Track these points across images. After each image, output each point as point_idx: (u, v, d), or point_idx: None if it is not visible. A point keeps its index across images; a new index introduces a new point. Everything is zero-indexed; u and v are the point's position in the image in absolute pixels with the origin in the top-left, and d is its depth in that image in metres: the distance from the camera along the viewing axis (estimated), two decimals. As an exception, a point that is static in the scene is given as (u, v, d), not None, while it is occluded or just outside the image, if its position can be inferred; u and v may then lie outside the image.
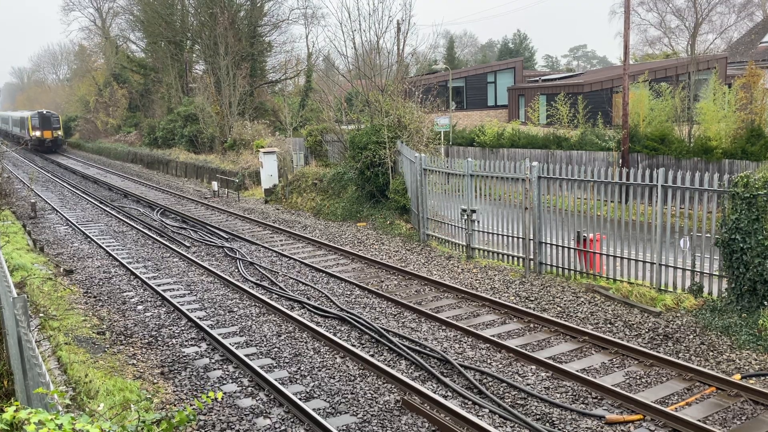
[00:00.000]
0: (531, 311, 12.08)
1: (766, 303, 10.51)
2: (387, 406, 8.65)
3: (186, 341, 11.19)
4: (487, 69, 45.24)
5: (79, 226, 21.78)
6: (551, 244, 14.30)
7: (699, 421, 7.93)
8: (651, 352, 10.03)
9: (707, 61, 38.30)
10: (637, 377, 9.42)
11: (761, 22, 43.30)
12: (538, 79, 44.95)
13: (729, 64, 37.68)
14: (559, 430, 7.99)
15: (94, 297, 13.80)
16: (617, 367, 9.79)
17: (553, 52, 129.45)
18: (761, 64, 34.11)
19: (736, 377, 9.19)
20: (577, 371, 9.47)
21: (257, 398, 8.95)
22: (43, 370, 5.04)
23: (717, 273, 11.50)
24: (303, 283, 14.62)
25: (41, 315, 11.85)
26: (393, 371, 9.44)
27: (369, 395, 8.97)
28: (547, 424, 8.13)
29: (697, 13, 43.30)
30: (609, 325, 11.46)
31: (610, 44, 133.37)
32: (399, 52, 26.86)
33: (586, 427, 8.04)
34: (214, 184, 30.64)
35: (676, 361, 9.67)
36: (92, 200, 28.46)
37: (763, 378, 9.27)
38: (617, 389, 8.79)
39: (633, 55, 47.57)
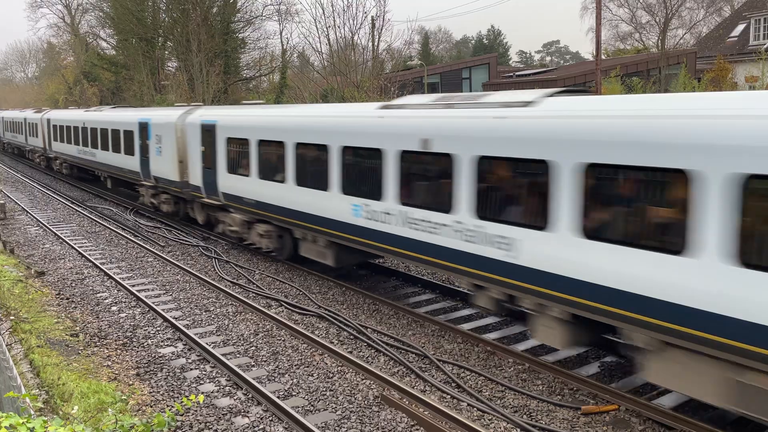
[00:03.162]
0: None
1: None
2: (366, 401, 8.66)
3: (162, 341, 11.07)
4: (462, 65, 45.46)
5: (51, 227, 21.40)
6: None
7: (672, 409, 8.08)
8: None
9: (677, 55, 38.82)
10: (612, 368, 9.56)
11: (729, 17, 44.10)
12: (512, 74, 45.25)
13: (698, 59, 38.30)
14: (536, 421, 8.08)
15: (67, 299, 13.58)
16: (593, 359, 9.93)
17: (527, 47, 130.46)
18: (730, 59, 34.75)
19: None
20: (552, 364, 9.58)
21: (235, 397, 8.90)
22: (14, 374, 4.96)
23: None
24: (280, 281, 14.55)
25: (12, 318, 11.63)
26: (371, 367, 9.46)
27: (348, 391, 8.98)
28: (525, 416, 8.21)
29: (667, 8, 43.93)
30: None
31: (582, 40, 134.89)
32: (374, 48, 26.83)
33: (563, 418, 8.14)
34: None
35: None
36: (63, 200, 27.97)
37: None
38: (593, 381, 8.92)
39: (605, 51, 48.12)
